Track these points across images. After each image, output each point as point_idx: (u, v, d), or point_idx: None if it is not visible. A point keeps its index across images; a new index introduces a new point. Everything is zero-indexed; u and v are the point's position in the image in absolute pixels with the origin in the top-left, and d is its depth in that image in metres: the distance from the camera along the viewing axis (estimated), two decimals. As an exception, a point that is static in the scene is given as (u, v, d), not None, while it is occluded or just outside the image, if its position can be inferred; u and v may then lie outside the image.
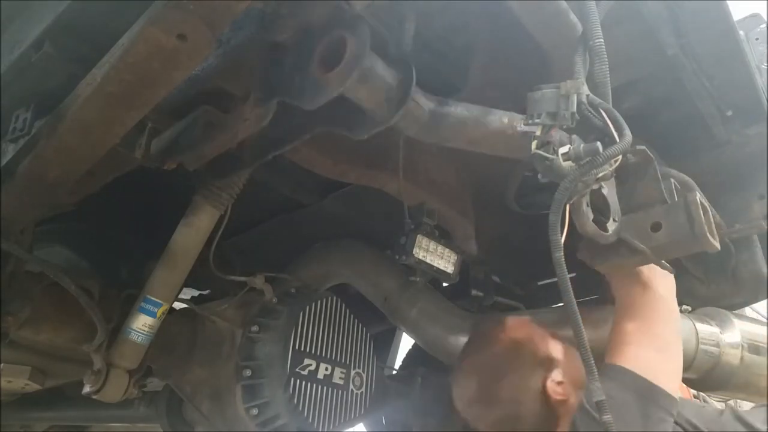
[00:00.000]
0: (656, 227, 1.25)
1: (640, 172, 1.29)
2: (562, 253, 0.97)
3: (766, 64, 1.64)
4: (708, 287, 1.80)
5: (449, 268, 1.68)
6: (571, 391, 1.28)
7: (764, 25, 1.68)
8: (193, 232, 1.53)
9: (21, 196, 1.24)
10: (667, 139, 1.60)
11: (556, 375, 1.29)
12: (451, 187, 1.80)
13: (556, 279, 1.03)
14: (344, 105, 1.06)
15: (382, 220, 1.91)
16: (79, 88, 1.01)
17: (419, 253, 1.60)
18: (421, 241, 1.59)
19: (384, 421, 2.44)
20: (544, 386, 1.28)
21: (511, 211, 1.94)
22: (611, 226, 1.22)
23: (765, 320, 1.86)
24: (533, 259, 2.19)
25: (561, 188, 0.96)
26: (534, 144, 1.00)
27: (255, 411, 1.62)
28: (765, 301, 1.94)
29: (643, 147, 1.22)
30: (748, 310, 2.28)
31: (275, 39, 1.09)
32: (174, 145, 1.31)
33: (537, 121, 0.99)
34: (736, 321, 1.72)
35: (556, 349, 1.34)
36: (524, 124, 1.01)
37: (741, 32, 1.46)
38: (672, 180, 1.31)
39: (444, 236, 1.70)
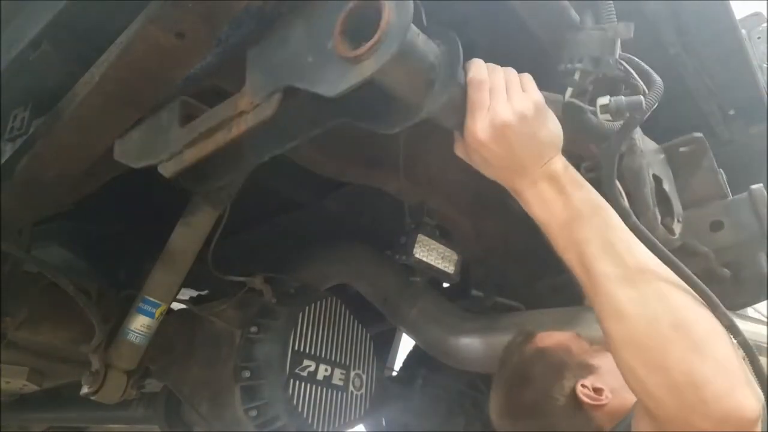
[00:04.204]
0: (717, 226, 1.10)
1: (692, 163, 1.16)
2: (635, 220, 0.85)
3: (767, 63, 1.64)
4: (710, 288, 1.79)
5: (450, 268, 1.67)
6: (613, 397, 1.17)
7: (766, 24, 1.68)
8: (191, 232, 1.52)
9: (19, 195, 1.23)
10: (669, 138, 1.60)
11: (591, 380, 1.19)
12: (451, 186, 1.80)
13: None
14: (366, 90, 0.83)
15: (382, 219, 1.90)
16: (77, 87, 1.01)
17: (419, 253, 1.59)
18: (422, 240, 1.59)
19: (384, 423, 2.43)
20: (573, 391, 1.19)
21: (512, 211, 1.93)
22: (677, 227, 1.08)
23: (767, 320, 1.85)
24: (534, 259, 2.19)
25: (609, 161, 0.83)
26: (569, 92, 0.89)
27: (254, 412, 1.61)
28: (766, 302, 1.93)
29: (699, 135, 1.11)
30: (749, 310, 2.27)
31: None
32: (145, 146, 1.07)
33: (578, 65, 0.88)
34: (738, 321, 1.71)
35: (595, 357, 1.25)
36: (561, 69, 0.90)
37: (743, 31, 1.45)
38: (722, 172, 1.19)
39: (444, 236, 1.69)
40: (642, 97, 0.86)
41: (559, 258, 0.89)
